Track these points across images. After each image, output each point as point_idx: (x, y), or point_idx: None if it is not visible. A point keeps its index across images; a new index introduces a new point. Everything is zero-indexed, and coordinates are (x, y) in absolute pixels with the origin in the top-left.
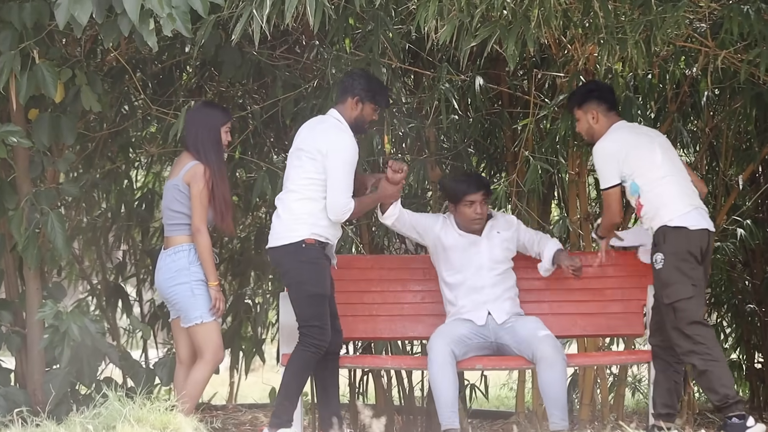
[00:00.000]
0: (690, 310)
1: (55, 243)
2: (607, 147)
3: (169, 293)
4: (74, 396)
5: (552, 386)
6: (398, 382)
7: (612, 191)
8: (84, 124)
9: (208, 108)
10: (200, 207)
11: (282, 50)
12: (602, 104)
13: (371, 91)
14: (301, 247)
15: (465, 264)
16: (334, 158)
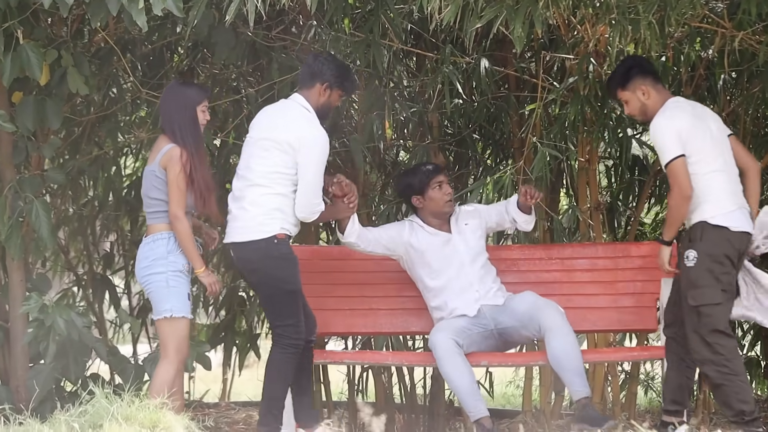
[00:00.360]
0: (715, 316)
1: (40, 232)
2: (667, 122)
3: (144, 282)
4: (59, 393)
5: (566, 354)
6: (399, 380)
7: (677, 162)
8: (70, 107)
9: (183, 87)
10: (177, 192)
11: (278, 31)
12: (647, 77)
13: (340, 77)
14: (273, 242)
15: (444, 265)
16: (308, 155)
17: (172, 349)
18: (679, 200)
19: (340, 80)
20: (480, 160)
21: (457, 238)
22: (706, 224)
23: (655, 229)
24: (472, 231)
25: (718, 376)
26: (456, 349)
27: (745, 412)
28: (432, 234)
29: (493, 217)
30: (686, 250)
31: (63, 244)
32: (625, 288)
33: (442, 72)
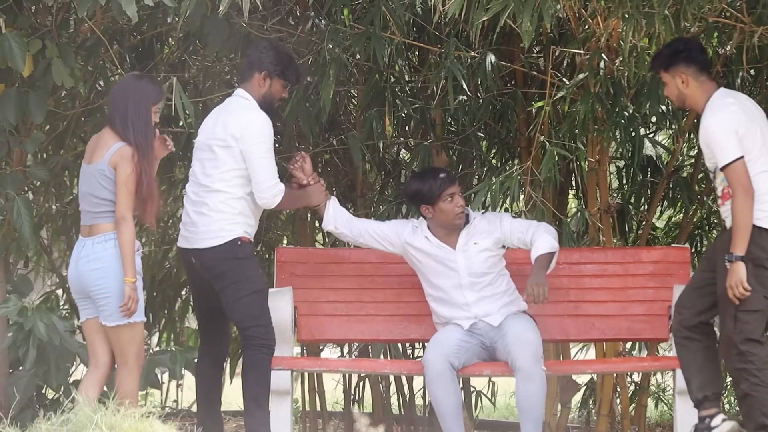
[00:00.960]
0: (752, 324)
1: (22, 231)
2: (724, 120)
3: (97, 285)
4: (40, 400)
5: (527, 399)
6: (398, 389)
7: (739, 164)
8: (54, 100)
9: (141, 82)
10: (126, 194)
11: (274, 21)
12: (691, 66)
13: (279, 65)
14: (237, 245)
15: (442, 281)
16: (249, 139)
17: (133, 355)
18: (746, 202)
19: (279, 68)
20: (485, 160)
21: (461, 258)
22: (753, 226)
23: (667, 233)
24: (479, 251)
25: (747, 386)
26: (449, 373)
27: (766, 425)
28: (435, 245)
29: (516, 240)
30: (729, 251)
31: (46, 243)
32: (636, 295)
33: (446, 67)
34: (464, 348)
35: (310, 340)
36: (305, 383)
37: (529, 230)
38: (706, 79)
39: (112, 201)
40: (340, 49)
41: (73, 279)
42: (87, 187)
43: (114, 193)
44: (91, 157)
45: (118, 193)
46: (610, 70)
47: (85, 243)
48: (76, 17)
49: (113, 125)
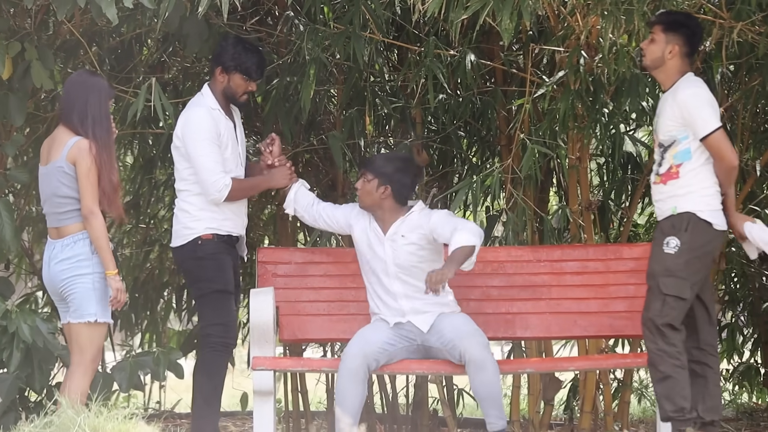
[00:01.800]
0: (677, 311)
1: (3, 234)
2: (705, 92)
3: (65, 285)
4: (23, 403)
5: (485, 387)
6: (380, 388)
7: (721, 132)
8: (34, 103)
9: (95, 77)
10: (90, 187)
11: (253, 22)
12: (686, 46)
13: (235, 60)
14: (197, 244)
15: (372, 266)
16: (186, 138)
17: (90, 355)
18: (731, 172)
19: (235, 63)
20: (465, 158)
21: (388, 246)
22: (694, 216)
23: (648, 230)
24: (405, 244)
25: (670, 368)
26: (362, 373)
27: (685, 408)
28: (371, 228)
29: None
30: (667, 237)
31: (27, 246)
32: (617, 292)
33: (426, 65)
34: (387, 351)
35: (293, 340)
36: (288, 383)
37: (447, 225)
38: (688, 63)
39: (74, 198)
40: (319, 49)
41: (47, 281)
42: (47, 188)
43: (76, 190)
44: (47, 158)
45: (81, 188)
46: (590, 68)
47: (54, 245)
48: (55, 19)
49: (69, 121)
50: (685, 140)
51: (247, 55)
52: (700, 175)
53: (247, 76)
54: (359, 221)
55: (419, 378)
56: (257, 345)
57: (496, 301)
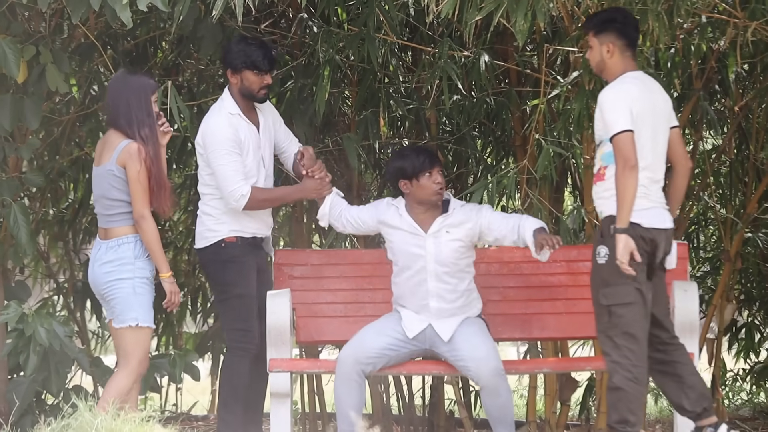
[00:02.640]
0: (626, 317)
1: (18, 238)
2: (624, 92)
3: (107, 288)
4: (40, 406)
5: (498, 410)
6: (397, 390)
7: (626, 135)
8: (49, 106)
9: (135, 76)
10: (141, 190)
11: (267, 24)
12: (621, 39)
13: (241, 57)
14: (220, 247)
15: (407, 266)
16: (207, 145)
17: (135, 360)
18: (627, 173)
19: (241, 59)
20: (480, 159)
21: (431, 243)
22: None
23: None
24: (450, 240)
25: (621, 380)
26: (355, 377)
27: (629, 422)
28: (407, 224)
29: (495, 231)
30: (597, 245)
31: (42, 249)
32: None
33: (440, 67)
34: (387, 356)
35: (309, 341)
36: (304, 385)
37: (511, 218)
38: (630, 56)
39: (124, 201)
40: (333, 51)
41: (91, 281)
42: (99, 189)
43: (126, 193)
44: (99, 159)
45: (132, 192)
46: None
47: (100, 246)
48: (70, 23)
49: (117, 125)
50: (608, 142)
51: (252, 48)
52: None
53: (257, 69)
54: (389, 215)
55: (435, 379)
56: (274, 347)
57: (512, 301)
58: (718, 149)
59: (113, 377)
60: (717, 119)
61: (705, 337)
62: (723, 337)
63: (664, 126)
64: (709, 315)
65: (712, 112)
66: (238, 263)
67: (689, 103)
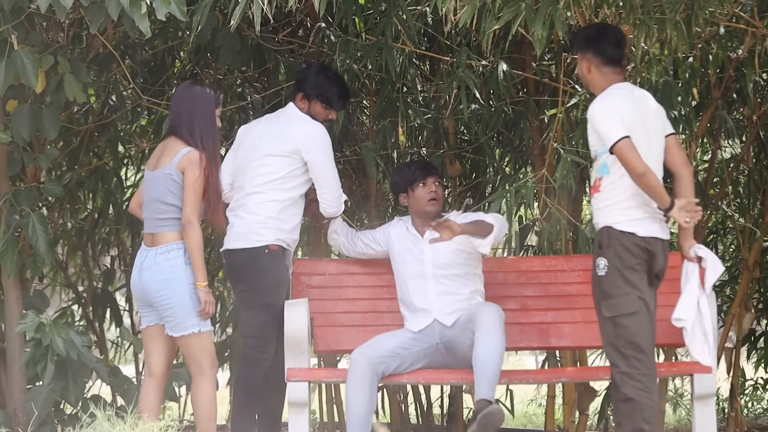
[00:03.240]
0: (631, 327)
1: (37, 247)
2: (611, 102)
3: (161, 296)
4: (59, 416)
5: (485, 354)
6: (415, 398)
7: (625, 143)
8: (68, 116)
9: (201, 88)
10: (194, 197)
11: (285, 34)
12: (598, 57)
13: (318, 89)
14: (263, 252)
15: (409, 270)
16: (318, 150)
17: (206, 363)
18: (639, 181)
19: (317, 91)
20: (498, 168)
21: (427, 247)
22: (612, 230)
23: None
24: (447, 245)
25: (631, 390)
26: (368, 379)
27: (645, 431)
28: (410, 234)
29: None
30: (596, 258)
31: (61, 259)
32: None
33: (458, 76)
34: (400, 356)
35: (327, 351)
36: (322, 394)
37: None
38: (610, 72)
39: (177, 207)
40: (351, 60)
41: (137, 288)
42: (153, 192)
43: (180, 199)
44: (156, 164)
45: (185, 197)
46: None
47: (147, 253)
48: (88, 33)
49: (178, 133)
50: (603, 154)
51: (329, 84)
52: (618, 188)
53: (329, 105)
54: (397, 229)
55: (454, 388)
56: (292, 356)
57: (530, 310)
58: (737, 158)
59: (197, 390)
60: (735, 128)
61: (723, 347)
62: (741, 346)
63: (657, 135)
64: (727, 324)
65: (731, 121)
66: (276, 273)
67: (707, 112)
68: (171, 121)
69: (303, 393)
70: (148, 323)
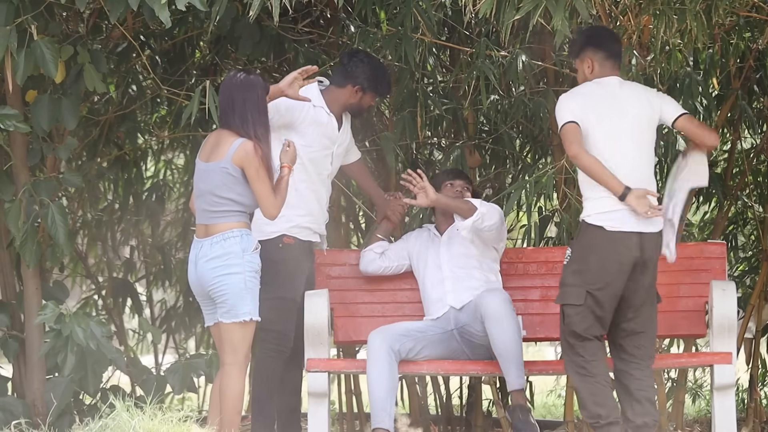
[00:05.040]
0: (574, 318)
1: (56, 238)
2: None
3: (216, 283)
4: (78, 406)
5: (502, 342)
6: (435, 389)
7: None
8: (87, 106)
9: (248, 75)
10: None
11: (304, 24)
12: (599, 51)
13: (374, 81)
14: (277, 246)
15: (428, 262)
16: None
17: (242, 354)
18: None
19: (373, 84)
20: (518, 159)
21: (445, 240)
22: (584, 222)
23: (702, 229)
24: (462, 238)
25: (577, 377)
26: (386, 356)
27: (602, 415)
28: (431, 234)
29: None
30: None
31: (81, 250)
32: (672, 291)
33: (477, 66)
34: (415, 337)
35: (347, 341)
36: (342, 385)
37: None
38: (610, 66)
39: (234, 201)
40: (371, 51)
41: (194, 280)
42: (207, 185)
43: (237, 193)
44: (209, 155)
45: (257, 192)
46: (642, 67)
47: (202, 244)
48: (108, 23)
49: (229, 124)
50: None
51: (383, 75)
52: (590, 183)
53: (379, 96)
54: (419, 238)
55: (473, 379)
56: (312, 347)
57: (550, 301)
58: (757, 148)
59: (228, 380)
60: (755, 118)
61: (743, 337)
62: (761, 336)
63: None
64: (747, 315)
65: (751, 111)
66: (288, 265)
67: (727, 103)
68: (221, 111)
69: (323, 383)
70: (214, 321)
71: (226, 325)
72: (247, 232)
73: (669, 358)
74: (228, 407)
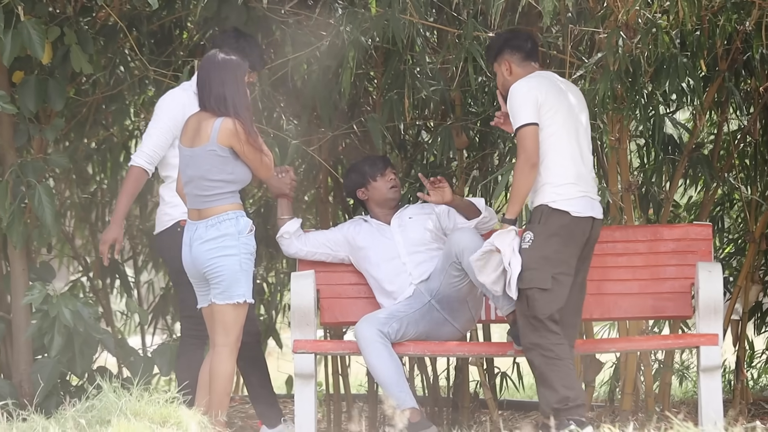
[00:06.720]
0: (540, 302)
1: (43, 219)
2: (527, 85)
3: (211, 265)
4: (65, 387)
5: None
6: (421, 371)
7: (529, 129)
8: (74, 87)
9: (226, 56)
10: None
11: (291, 5)
12: (515, 53)
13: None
14: (176, 230)
15: (382, 257)
16: None
17: (234, 336)
18: (526, 168)
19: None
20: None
21: (396, 228)
22: (547, 208)
23: (689, 211)
24: (416, 224)
25: (544, 361)
26: (379, 339)
27: (570, 397)
28: (373, 227)
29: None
30: (525, 231)
31: (68, 231)
32: (658, 273)
33: (465, 48)
34: (398, 318)
35: (334, 323)
36: (329, 366)
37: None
38: (530, 65)
39: (225, 181)
40: (358, 32)
41: (188, 262)
42: (195, 170)
43: (227, 173)
44: (192, 140)
45: (251, 164)
46: (629, 49)
47: (197, 226)
48: (95, 4)
49: (206, 106)
50: None
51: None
52: (552, 170)
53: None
54: (358, 229)
55: (460, 360)
56: (298, 328)
57: None
58: (743, 130)
59: (218, 360)
60: (742, 100)
61: (730, 319)
62: (748, 318)
63: (584, 117)
64: (733, 296)
65: (737, 92)
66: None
67: (714, 84)
68: (198, 92)
69: (309, 365)
70: (207, 302)
71: (220, 307)
72: (242, 213)
73: (655, 340)
74: (218, 388)
